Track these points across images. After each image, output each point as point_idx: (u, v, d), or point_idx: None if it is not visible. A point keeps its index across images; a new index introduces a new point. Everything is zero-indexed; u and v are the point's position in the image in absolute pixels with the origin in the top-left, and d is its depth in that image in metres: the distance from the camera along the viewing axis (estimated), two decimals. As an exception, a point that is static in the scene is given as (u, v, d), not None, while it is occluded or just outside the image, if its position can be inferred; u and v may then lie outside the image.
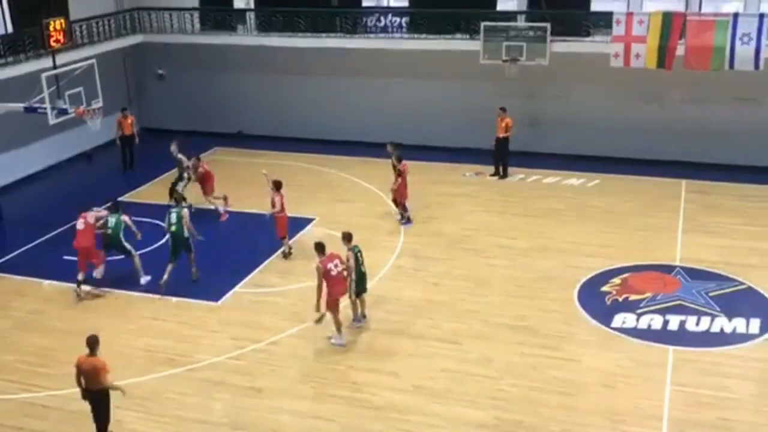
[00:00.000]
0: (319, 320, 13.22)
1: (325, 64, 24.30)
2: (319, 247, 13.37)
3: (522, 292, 15.18)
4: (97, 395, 10.79)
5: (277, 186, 16.65)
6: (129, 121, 22.87)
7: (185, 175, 19.15)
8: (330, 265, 13.14)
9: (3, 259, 17.31)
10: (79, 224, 15.42)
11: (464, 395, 12.16)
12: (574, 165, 21.78)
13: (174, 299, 15.28)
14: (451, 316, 14.43)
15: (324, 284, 13.09)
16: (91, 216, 15.50)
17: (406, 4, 23.95)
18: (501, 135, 21.22)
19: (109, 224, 15.48)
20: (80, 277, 15.40)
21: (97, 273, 15.60)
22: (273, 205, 16.53)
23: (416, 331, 13.99)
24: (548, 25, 20.96)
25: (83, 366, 10.66)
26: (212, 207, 19.01)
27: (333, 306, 13.31)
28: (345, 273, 13.39)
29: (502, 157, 21.53)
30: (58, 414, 11.92)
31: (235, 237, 17.98)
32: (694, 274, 15.80)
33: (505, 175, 21.62)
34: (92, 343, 10.67)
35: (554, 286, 15.46)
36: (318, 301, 13.14)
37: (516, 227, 18.34)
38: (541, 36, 21.07)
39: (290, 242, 17.02)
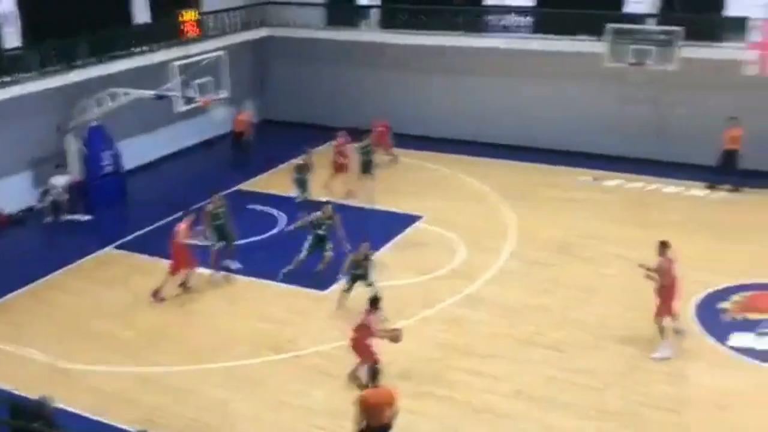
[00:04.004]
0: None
1: (444, 62, 24.26)
2: (663, 246, 12.89)
3: (633, 304, 14.59)
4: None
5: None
6: (242, 117, 23.49)
7: None
8: (671, 266, 12.77)
9: (128, 238, 18.17)
10: None
11: (566, 404, 11.89)
12: (698, 175, 20.83)
13: (283, 286, 15.60)
14: (556, 323, 14.12)
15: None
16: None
17: (531, 3, 23.56)
18: (728, 147, 20.09)
19: None
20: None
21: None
22: None
23: (520, 336, 13.78)
24: (681, 30, 20.10)
25: (370, 400, 9.84)
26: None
27: (667, 311, 12.96)
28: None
29: (727, 169, 20.24)
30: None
31: (348, 230, 18.09)
32: (826, 296, 14.84)
33: (736, 189, 20.35)
34: (375, 374, 10.20)
35: (669, 300, 14.85)
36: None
37: (631, 237, 17.64)
38: (670, 40, 20.23)
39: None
